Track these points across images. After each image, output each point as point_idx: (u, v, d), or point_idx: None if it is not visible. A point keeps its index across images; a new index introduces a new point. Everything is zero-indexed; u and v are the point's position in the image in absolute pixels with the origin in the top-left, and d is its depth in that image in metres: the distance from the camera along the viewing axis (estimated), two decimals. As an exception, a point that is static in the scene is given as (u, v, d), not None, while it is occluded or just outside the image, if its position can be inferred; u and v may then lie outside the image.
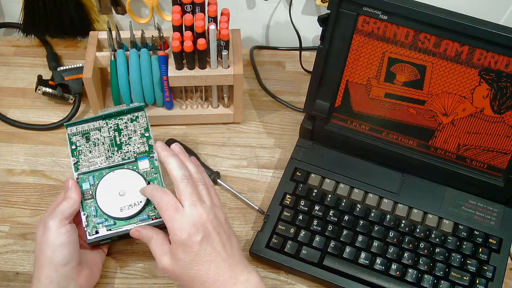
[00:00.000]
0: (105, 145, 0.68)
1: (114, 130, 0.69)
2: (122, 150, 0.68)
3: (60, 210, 0.61)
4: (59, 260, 0.59)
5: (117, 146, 0.68)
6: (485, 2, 0.89)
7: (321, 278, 0.68)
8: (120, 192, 0.66)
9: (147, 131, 0.69)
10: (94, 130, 0.68)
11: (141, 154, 0.68)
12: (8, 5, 0.95)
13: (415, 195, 0.74)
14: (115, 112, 0.69)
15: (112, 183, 0.66)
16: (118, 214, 0.65)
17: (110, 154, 0.68)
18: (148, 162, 0.68)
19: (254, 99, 0.89)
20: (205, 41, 0.74)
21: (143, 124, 0.69)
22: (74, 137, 0.68)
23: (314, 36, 0.98)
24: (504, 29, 0.61)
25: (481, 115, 0.68)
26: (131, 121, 0.69)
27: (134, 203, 0.65)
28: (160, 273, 0.69)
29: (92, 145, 0.68)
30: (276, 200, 0.73)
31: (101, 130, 0.68)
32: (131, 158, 0.68)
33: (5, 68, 0.91)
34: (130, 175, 0.67)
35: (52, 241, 0.59)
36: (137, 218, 0.65)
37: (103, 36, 0.81)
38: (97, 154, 0.68)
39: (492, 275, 0.68)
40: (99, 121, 0.69)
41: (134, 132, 0.69)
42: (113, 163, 0.68)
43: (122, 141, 0.69)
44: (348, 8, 0.65)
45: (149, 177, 0.67)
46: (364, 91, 0.71)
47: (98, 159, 0.67)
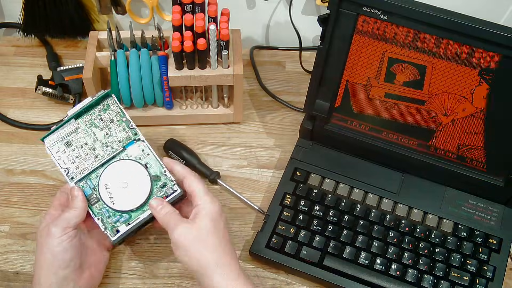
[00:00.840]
0: (88, 144, 0.66)
1: (90, 126, 0.67)
2: (107, 143, 0.66)
3: (66, 218, 0.61)
4: (60, 264, 0.59)
5: (100, 141, 0.66)
6: (485, 2, 0.89)
7: (321, 278, 0.68)
8: (123, 185, 0.65)
9: (123, 115, 0.67)
10: (71, 133, 0.66)
11: (126, 140, 0.67)
12: (8, 5, 0.95)
13: (415, 195, 0.74)
14: (84, 108, 0.66)
15: (110, 180, 0.65)
16: (129, 207, 0.64)
17: (97, 152, 0.66)
18: (137, 145, 0.66)
19: (254, 99, 0.89)
20: (205, 41, 0.74)
21: (116, 109, 0.67)
22: (55, 147, 0.66)
23: (314, 36, 0.98)
24: (504, 29, 0.61)
25: (481, 115, 0.68)
26: (104, 111, 0.67)
27: (115, 199, 0.65)
28: (160, 273, 0.69)
29: (76, 149, 0.66)
30: (276, 200, 0.73)
31: (78, 131, 0.66)
32: (119, 148, 0.66)
33: (5, 68, 0.91)
34: (123, 165, 0.66)
35: (54, 247, 0.59)
36: (149, 202, 0.64)
37: (103, 36, 0.81)
38: (84, 156, 0.66)
39: (492, 275, 0.68)
40: (72, 122, 0.67)
41: (111, 121, 0.67)
42: (104, 160, 0.66)
43: (103, 134, 0.67)
44: (348, 8, 0.65)
45: (143, 160, 0.66)
46: (364, 91, 0.71)
47: (87, 161, 0.66)
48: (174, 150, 0.78)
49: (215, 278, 0.58)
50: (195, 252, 0.59)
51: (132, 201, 0.64)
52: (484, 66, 0.64)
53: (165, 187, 0.65)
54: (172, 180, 0.65)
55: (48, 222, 0.61)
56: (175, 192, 0.65)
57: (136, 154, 0.66)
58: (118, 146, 0.66)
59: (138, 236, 0.71)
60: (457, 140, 0.71)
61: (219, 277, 0.58)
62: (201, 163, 0.78)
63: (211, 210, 0.61)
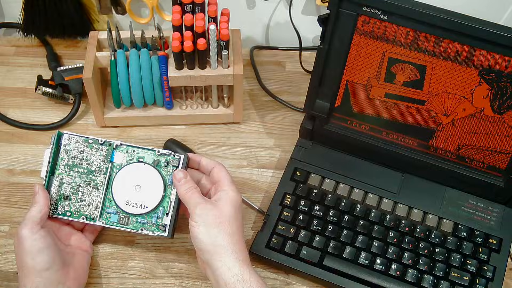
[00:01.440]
0: (81, 184, 0.65)
1: (70, 170, 0.65)
2: (96, 170, 0.65)
3: (29, 216, 0.61)
4: (42, 266, 0.59)
5: (88, 174, 0.65)
6: (485, 2, 0.89)
7: (321, 278, 0.68)
8: (136, 189, 0.65)
9: (87, 139, 0.65)
10: (60, 189, 0.65)
11: (108, 155, 0.65)
12: (8, 5, 0.95)
13: (415, 195, 0.74)
14: (52, 162, 0.65)
15: (124, 194, 0.65)
16: (156, 201, 0.64)
17: (95, 183, 0.65)
18: (119, 152, 0.65)
19: (254, 99, 0.89)
20: (205, 41, 0.74)
21: (78, 140, 0.65)
22: (61, 209, 0.65)
23: (314, 36, 0.98)
24: (504, 29, 0.61)
25: (481, 115, 0.68)
26: (68, 150, 0.65)
27: (141, 204, 0.65)
28: (160, 273, 0.69)
29: (76, 196, 0.65)
30: (276, 200, 0.73)
31: (65, 182, 0.65)
32: (108, 165, 0.65)
33: (5, 68, 0.91)
34: (123, 176, 0.65)
35: (29, 249, 0.59)
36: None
37: (103, 36, 0.81)
38: (87, 195, 0.65)
39: (492, 275, 0.68)
40: (53, 180, 0.65)
41: (82, 151, 0.65)
42: (105, 183, 0.65)
43: (85, 167, 0.65)
44: (348, 8, 0.65)
45: (134, 158, 0.65)
46: (364, 91, 0.71)
47: (93, 196, 0.65)
48: (174, 150, 0.78)
49: (224, 259, 0.58)
50: (214, 231, 0.59)
51: (154, 195, 0.64)
52: (484, 66, 0.64)
53: (169, 163, 0.65)
54: (169, 154, 0.65)
55: (18, 228, 0.61)
56: (180, 159, 0.65)
57: (124, 159, 0.66)
58: (106, 165, 0.65)
59: (138, 236, 0.71)
60: (457, 140, 0.71)
61: (228, 258, 0.58)
62: (201, 163, 0.78)
63: (235, 198, 0.63)
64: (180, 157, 0.65)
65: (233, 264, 0.58)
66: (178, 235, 0.71)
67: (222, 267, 0.58)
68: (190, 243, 0.71)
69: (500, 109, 0.66)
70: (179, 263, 0.70)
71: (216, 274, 0.58)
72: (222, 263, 0.58)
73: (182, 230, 0.71)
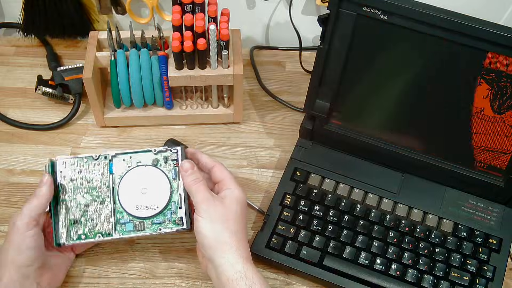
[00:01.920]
0: (88, 204, 0.64)
1: (73, 193, 0.64)
2: (98, 185, 0.64)
3: (28, 210, 0.60)
4: (23, 261, 0.59)
5: (91, 192, 0.64)
6: (485, 2, 0.89)
7: (321, 278, 0.68)
8: (143, 191, 0.64)
9: (82, 158, 0.64)
10: (68, 215, 0.63)
11: (106, 168, 0.64)
12: (8, 5, 0.95)
13: (415, 195, 0.74)
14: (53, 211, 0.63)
15: (133, 201, 0.64)
16: (166, 198, 0.64)
17: (101, 198, 0.64)
18: (116, 162, 0.64)
19: (254, 99, 0.89)
20: (205, 41, 0.74)
21: (72, 162, 0.64)
22: (74, 234, 0.64)
23: (314, 36, 0.98)
24: (504, 29, 0.61)
25: (481, 115, 0.68)
26: (65, 174, 0.64)
27: (151, 206, 0.64)
28: (160, 273, 0.69)
29: (86, 216, 0.64)
30: (276, 200, 0.73)
31: (70, 207, 0.64)
32: (109, 177, 0.64)
33: (5, 68, 0.91)
34: (127, 184, 0.64)
35: (18, 243, 0.58)
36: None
37: (103, 36, 0.81)
38: (97, 211, 0.64)
39: (492, 275, 0.68)
40: (60, 208, 0.64)
41: (80, 172, 0.64)
42: (111, 196, 0.64)
43: (87, 185, 0.64)
44: (348, 8, 0.65)
45: (133, 163, 0.64)
46: (364, 91, 0.71)
47: (102, 211, 0.64)
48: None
49: (228, 255, 0.58)
50: (219, 227, 0.59)
51: (162, 193, 0.64)
52: (484, 66, 0.64)
53: (168, 158, 0.65)
54: (165, 150, 0.65)
55: (14, 218, 0.60)
56: (178, 152, 0.65)
57: (123, 167, 0.65)
58: (107, 178, 0.64)
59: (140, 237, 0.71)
60: (457, 140, 0.71)
61: (231, 255, 0.58)
62: (201, 163, 0.78)
63: (241, 197, 0.63)
64: (177, 150, 0.65)
65: (236, 261, 0.58)
66: (178, 235, 0.72)
67: (225, 264, 0.58)
68: (190, 243, 0.71)
69: (500, 109, 0.66)
70: (179, 263, 0.70)
71: (218, 270, 0.58)
72: (225, 260, 0.58)
73: (182, 230, 0.72)
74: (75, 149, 0.81)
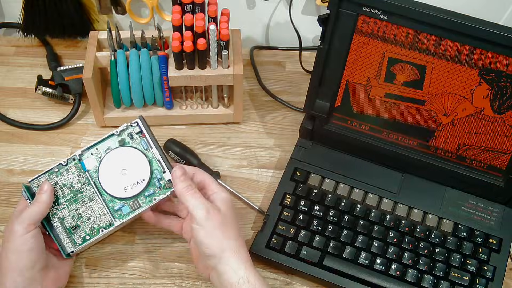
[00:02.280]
0: (79, 209, 0.64)
1: (58, 205, 0.63)
2: (80, 188, 0.64)
3: (28, 215, 0.59)
4: (25, 264, 0.58)
5: (77, 198, 0.64)
6: (485, 2, 0.89)
7: (321, 278, 0.68)
8: (123, 173, 0.64)
9: (52, 172, 0.64)
10: (61, 223, 0.63)
11: (78, 166, 0.64)
12: (8, 5, 0.95)
13: (415, 195, 0.74)
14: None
15: (114, 176, 0.64)
16: (125, 195, 0.64)
17: (88, 198, 0.64)
18: (86, 158, 0.64)
19: (254, 99, 0.89)
20: (205, 41, 0.74)
21: (47, 178, 0.64)
22: (77, 240, 0.64)
23: (314, 36, 0.98)
24: (504, 29, 0.61)
25: (481, 115, 0.68)
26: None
27: (137, 181, 0.64)
28: (160, 273, 0.69)
29: (82, 220, 0.64)
30: (276, 200, 0.73)
31: (63, 218, 0.63)
32: (84, 173, 0.64)
33: (5, 68, 0.91)
34: (105, 168, 0.64)
35: (19, 247, 0.58)
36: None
37: (103, 36, 0.81)
38: (89, 211, 0.64)
39: (492, 275, 0.68)
40: (52, 224, 0.63)
41: (57, 183, 0.64)
42: (96, 193, 0.64)
43: (70, 193, 0.64)
44: (348, 8, 0.65)
45: (101, 153, 0.64)
46: (364, 91, 0.71)
47: (94, 208, 0.64)
48: (174, 150, 0.78)
49: (230, 262, 0.58)
50: (219, 235, 0.59)
51: (142, 166, 0.64)
52: (484, 66, 0.64)
53: (132, 134, 0.65)
54: (126, 127, 0.65)
55: (13, 220, 0.60)
56: (139, 124, 0.64)
57: (94, 161, 0.64)
58: (84, 176, 0.64)
59: (138, 236, 0.71)
60: (457, 140, 0.71)
61: (233, 261, 0.58)
62: (201, 163, 0.78)
63: (228, 198, 0.63)
64: (137, 122, 0.65)
65: (238, 267, 0.58)
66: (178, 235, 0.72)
67: (229, 271, 0.58)
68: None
69: (500, 109, 0.66)
70: (179, 263, 0.70)
71: (222, 278, 0.58)
72: (229, 267, 0.58)
73: (182, 230, 0.72)
74: (75, 149, 0.81)
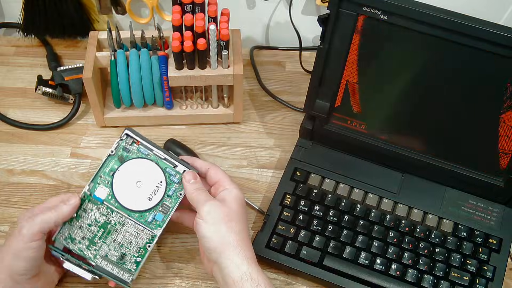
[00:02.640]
0: (117, 239, 0.63)
1: (92, 244, 0.62)
2: (106, 221, 0.63)
3: (41, 220, 0.58)
4: (18, 270, 0.57)
5: (108, 229, 0.63)
6: (485, 2, 0.89)
7: (321, 278, 0.68)
8: (137, 185, 0.63)
9: (74, 223, 0.62)
10: (106, 259, 0.63)
11: (98, 204, 0.63)
12: (8, 5, 0.95)
13: (415, 195, 0.74)
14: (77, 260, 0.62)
15: (131, 194, 0.63)
16: (151, 204, 0.63)
17: (119, 224, 0.63)
18: (98, 190, 0.63)
19: (254, 99, 0.89)
20: (205, 41, 0.74)
21: (70, 227, 0.62)
22: (134, 272, 0.63)
23: (314, 36, 0.98)
24: (504, 29, 0.61)
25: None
26: (75, 243, 0.62)
27: (155, 188, 0.63)
28: (160, 273, 0.69)
29: (128, 246, 0.63)
30: (276, 200, 0.73)
31: (106, 253, 0.62)
32: (107, 207, 0.63)
33: (5, 68, 0.91)
34: (119, 186, 0.63)
35: (18, 252, 0.57)
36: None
37: (103, 36, 0.81)
38: (127, 234, 0.63)
39: (492, 275, 0.68)
40: (103, 266, 0.62)
41: (80, 227, 0.62)
42: (124, 216, 0.63)
43: (99, 229, 0.63)
44: (348, 8, 0.65)
45: (108, 180, 0.63)
46: (364, 91, 0.71)
47: (130, 230, 0.63)
48: (174, 150, 0.78)
49: (233, 257, 0.58)
50: (223, 229, 0.59)
51: (152, 171, 0.64)
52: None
53: (127, 147, 0.64)
54: (117, 144, 0.63)
55: (23, 221, 0.58)
56: (128, 135, 0.63)
57: (104, 188, 0.63)
58: (103, 207, 0.63)
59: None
60: (457, 140, 0.71)
61: (236, 256, 0.58)
62: (201, 163, 0.78)
63: (240, 196, 0.63)
64: (126, 134, 0.63)
65: (241, 262, 0.58)
66: (179, 235, 0.72)
67: (231, 265, 0.58)
68: (190, 243, 0.71)
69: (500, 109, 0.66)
70: (179, 263, 0.70)
71: (224, 272, 0.58)
72: (230, 261, 0.58)
73: (182, 230, 0.71)
74: (75, 149, 0.81)
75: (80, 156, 0.80)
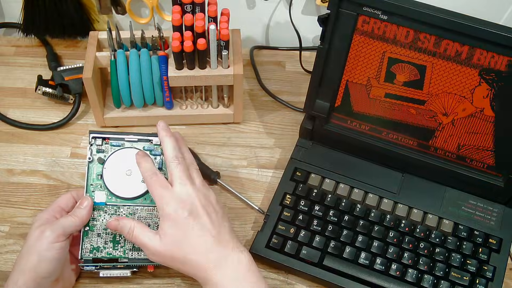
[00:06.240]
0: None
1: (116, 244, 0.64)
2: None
3: (63, 225, 0.60)
4: (42, 273, 0.58)
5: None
6: (485, 2, 0.89)
7: (321, 278, 0.68)
8: (127, 173, 0.65)
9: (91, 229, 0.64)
10: None
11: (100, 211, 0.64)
12: (8, 5, 0.95)
13: (415, 195, 0.74)
14: None
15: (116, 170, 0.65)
16: (145, 186, 0.64)
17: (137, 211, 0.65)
18: (97, 194, 0.65)
19: (254, 99, 0.89)
20: (205, 41, 0.74)
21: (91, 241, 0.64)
22: None
23: (314, 36, 0.98)
24: (504, 29, 0.61)
25: (481, 115, 0.68)
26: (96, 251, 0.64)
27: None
28: (160, 273, 0.69)
29: None
30: (276, 200, 0.73)
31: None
32: (111, 208, 0.65)
33: (5, 68, 0.91)
34: (114, 160, 0.65)
35: (43, 252, 0.58)
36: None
37: (103, 36, 0.81)
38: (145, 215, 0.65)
39: (492, 275, 0.68)
40: None
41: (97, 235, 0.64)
42: (132, 206, 0.65)
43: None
44: (348, 8, 0.65)
45: (102, 188, 0.65)
46: (364, 91, 0.71)
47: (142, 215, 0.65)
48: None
49: (217, 278, 0.57)
50: (180, 258, 0.58)
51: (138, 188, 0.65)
52: (484, 66, 0.64)
53: (99, 147, 0.66)
54: (89, 148, 0.66)
55: (43, 224, 0.60)
56: (94, 139, 0.66)
57: (101, 191, 0.65)
58: (107, 208, 0.64)
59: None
60: (457, 140, 0.71)
61: (220, 277, 0.57)
62: (201, 163, 0.78)
63: (168, 210, 0.59)
64: (92, 137, 0.66)
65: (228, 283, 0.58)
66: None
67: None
68: (190, 243, 0.71)
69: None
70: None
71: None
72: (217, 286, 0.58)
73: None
74: (75, 149, 0.81)
75: (80, 156, 0.80)
